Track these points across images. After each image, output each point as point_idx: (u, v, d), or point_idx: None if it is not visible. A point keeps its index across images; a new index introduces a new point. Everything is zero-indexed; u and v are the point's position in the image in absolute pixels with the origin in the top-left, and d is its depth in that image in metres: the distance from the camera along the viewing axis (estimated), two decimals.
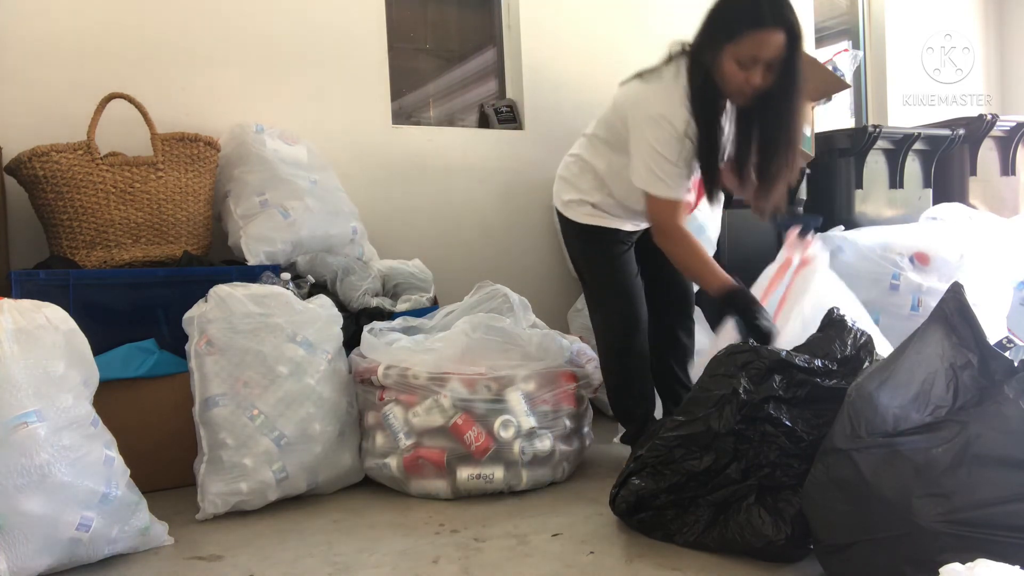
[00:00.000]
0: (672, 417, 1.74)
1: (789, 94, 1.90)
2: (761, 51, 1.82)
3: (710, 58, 1.88)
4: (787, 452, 1.57)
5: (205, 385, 1.99)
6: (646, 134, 1.93)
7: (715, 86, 1.90)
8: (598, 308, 2.25)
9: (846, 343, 1.68)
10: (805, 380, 1.62)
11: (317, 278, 2.60)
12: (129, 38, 2.63)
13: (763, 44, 1.82)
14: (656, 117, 1.92)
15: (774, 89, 1.88)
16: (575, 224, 2.20)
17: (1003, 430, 1.22)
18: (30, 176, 2.28)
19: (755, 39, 1.82)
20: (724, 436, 1.61)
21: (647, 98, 1.96)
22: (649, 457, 1.71)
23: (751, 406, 1.60)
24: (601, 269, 2.21)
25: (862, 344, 1.69)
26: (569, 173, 2.23)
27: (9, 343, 1.59)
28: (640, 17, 3.63)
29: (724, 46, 1.85)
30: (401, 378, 2.09)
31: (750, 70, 1.85)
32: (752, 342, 1.77)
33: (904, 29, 4.57)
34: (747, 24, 1.82)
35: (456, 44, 3.63)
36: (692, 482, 1.64)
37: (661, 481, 1.68)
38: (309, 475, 2.05)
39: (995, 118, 3.18)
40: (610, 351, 2.21)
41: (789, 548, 1.53)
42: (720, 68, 1.87)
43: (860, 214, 2.87)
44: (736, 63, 1.85)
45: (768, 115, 1.93)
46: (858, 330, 1.72)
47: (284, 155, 2.66)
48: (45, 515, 1.55)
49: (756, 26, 1.81)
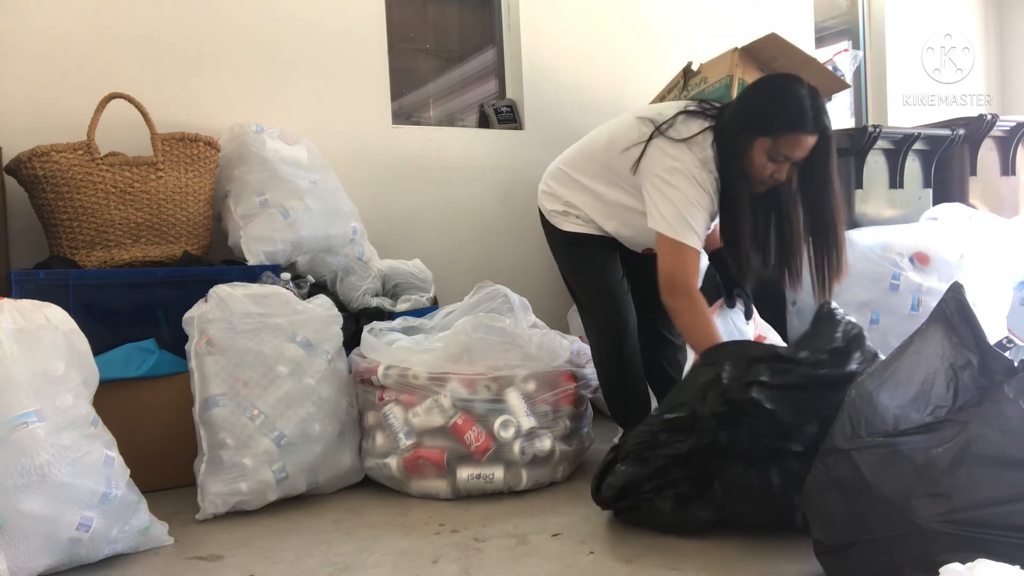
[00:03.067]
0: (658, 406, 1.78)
1: (830, 196, 1.91)
2: (794, 152, 1.86)
3: (742, 143, 1.89)
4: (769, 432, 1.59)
5: (205, 385, 1.99)
6: (683, 188, 1.92)
7: (741, 168, 1.91)
8: (586, 312, 2.27)
9: (835, 336, 1.69)
10: (790, 369, 1.64)
11: (317, 278, 2.60)
12: (129, 38, 2.63)
13: (799, 146, 1.85)
14: (691, 180, 1.91)
15: (810, 193, 1.92)
16: (560, 231, 2.21)
17: (1003, 430, 1.22)
18: (30, 176, 2.28)
19: (793, 140, 1.85)
20: (707, 419, 1.65)
21: (685, 163, 1.93)
22: (633, 444, 1.73)
23: (734, 389, 1.63)
24: (587, 274, 2.22)
25: (853, 336, 1.69)
26: (558, 184, 2.21)
27: (9, 343, 1.59)
28: (639, 17, 3.63)
29: (759, 138, 1.87)
30: (401, 378, 2.09)
31: (779, 165, 1.88)
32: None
33: (904, 29, 4.57)
34: (790, 126, 1.84)
35: (456, 44, 3.63)
36: (676, 465, 1.67)
37: (646, 466, 1.69)
38: (309, 475, 2.05)
39: (995, 118, 3.17)
40: (601, 354, 2.22)
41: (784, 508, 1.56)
42: (750, 156, 1.88)
43: (860, 214, 2.86)
44: (767, 156, 1.87)
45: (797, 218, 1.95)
46: (849, 322, 1.72)
47: (284, 155, 2.66)
48: (45, 515, 1.55)
49: (798, 129, 1.84)
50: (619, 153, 2.04)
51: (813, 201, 1.92)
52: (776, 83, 1.96)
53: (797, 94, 1.85)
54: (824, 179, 1.90)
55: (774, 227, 1.98)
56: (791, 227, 1.95)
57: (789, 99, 1.85)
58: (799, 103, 1.84)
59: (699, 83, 2.81)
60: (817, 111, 1.84)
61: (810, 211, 1.93)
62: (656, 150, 1.96)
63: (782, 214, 1.97)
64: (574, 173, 2.17)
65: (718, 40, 3.30)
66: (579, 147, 2.21)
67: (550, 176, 2.26)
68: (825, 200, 1.91)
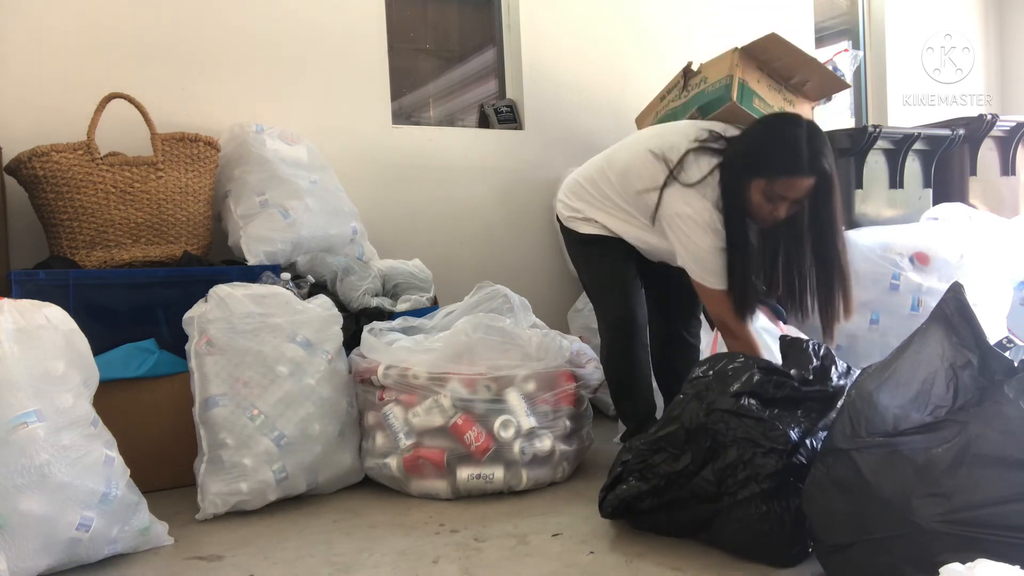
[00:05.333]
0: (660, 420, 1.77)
1: (829, 237, 1.92)
2: (791, 193, 1.88)
3: (740, 183, 1.92)
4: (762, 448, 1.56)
5: (205, 385, 1.99)
6: (699, 240, 1.96)
7: (744, 208, 1.94)
8: (597, 308, 2.30)
9: (810, 356, 1.72)
10: (783, 382, 1.64)
11: (317, 278, 2.59)
12: (129, 38, 2.63)
13: (793, 188, 1.87)
14: (705, 226, 1.95)
15: (810, 232, 1.92)
16: (576, 233, 2.23)
17: (1003, 430, 1.22)
18: (30, 176, 2.28)
19: (788, 183, 1.86)
20: (695, 432, 1.63)
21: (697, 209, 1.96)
22: (634, 463, 1.72)
23: (720, 400, 1.62)
24: (599, 271, 2.24)
25: (824, 354, 1.74)
26: (581, 203, 2.21)
27: (9, 343, 1.59)
28: (639, 17, 3.63)
29: (755, 179, 1.89)
30: (401, 378, 2.09)
31: (777, 204, 1.89)
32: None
33: (904, 29, 4.57)
34: (783, 170, 1.86)
35: (456, 44, 3.62)
36: (672, 485, 1.65)
37: (644, 485, 1.69)
38: (309, 475, 2.05)
39: (995, 118, 3.17)
40: (610, 350, 2.24)
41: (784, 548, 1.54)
42: (748, 195, 1.91)
43: (860, 214, 2.86)
44: (763, 196, 1.89)
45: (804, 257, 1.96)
46: (814, 343, 1.75)
47: (284, 155, 2.66)
48: (45, 515, 1.55)
49: (792, 173, 1.85)
50: (634, 194, 2.08)
51: (817, 242, 1.94)
52: (773, 124, 1.97)
53: (792, 137, 1.86)
54: (826, 220, 1.91)
55: (782, 263, 1.99)
56: (799, 264, 1.97)
57: (783, 142, 1.87)
58: (794, 146, 1.85)
59: (699, 83, 2.80)
60: (814, 153, 1.85)
61: (814, 252, 1.95)
62: (670, 197, 2.00)
63: (790, 251, 1.98)
64: (598, 195, 2.18)
65: (718, 40, 3.29)
66: (598, 171, 2.20)
67: (571, 191, 2.26)
68: (828, 241, 1.92)
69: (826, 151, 1.87)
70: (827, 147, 1.88)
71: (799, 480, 1.53)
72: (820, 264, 1.95)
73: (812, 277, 1.96)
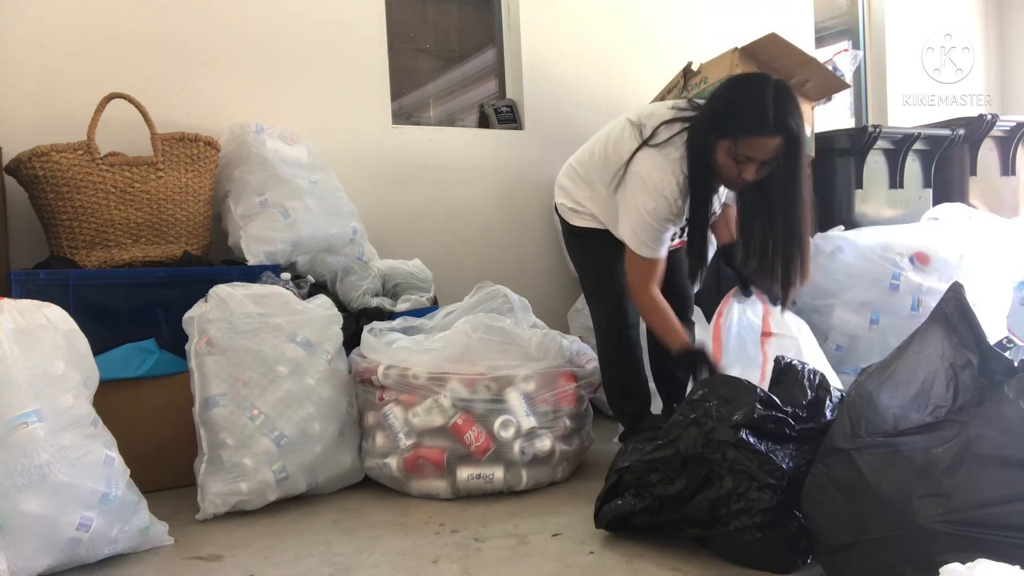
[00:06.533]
0: (652, 440, 1.72)
1: (793, 200, 1.87)
2: (757, 153, 1.82)
3: (707, 144, 1.88)
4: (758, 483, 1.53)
5: (205, 385, 1.99)
6: (640, 201, 1.96)
7: (710, 169, 1.90)
8: (592, 304, 2.31)
9: (805, 388, 1.68)
10: (780, 418, 1.60)
11: (317, 278, 2.59)
12: (129, 38, 2.63)
13: (760, 148, 1.81)
14: (651, 189, 1.94)
15: (776, 195, 1.87)
16: (572, 226, 2.25)
17: (1003, 430, 1.22)
18: (30, 176, 2.28)
19: (753, 143, 1.81)
20: (692, 459, 1.60)
21: (649, 168, 1.95)
22: (631, 477, 1.70)
23: (719, 430, 1.59)
24: (594, 266, 2.25)
25: (819, 384, 1.69)
26: (569, 182, 2.26)
27: (9, 343, 1.59)
28: (639, 17, 3.63)
29: (720, 140, 1.85)
30: (401, 378, 2.09)
31: (743, 165, 1.85)
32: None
33: (904, 29, 4.57)
34: (748, 129, 1.81)
35: (456, 44, 3.62)
36: (665, 507, 1.64)
37: (640, 503, 1.67)
38: (309, 475, 2.05)
39: (995, 118, 3.18)
40: (603, 344, 2.25)
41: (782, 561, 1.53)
42: (714, 157, 1.87)
43: (860, 214, 2.87)
44: (730, 157, 1.85)
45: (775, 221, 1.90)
46: (810, 371, 1.72)
47: (284, 155, 2.65)
48: (45, 515, 1.55)
49: (757, 132, 1.80)
50: (612, 164, 2.07)
51: (777, 203, 1.88)
52: (739, 84, 1.93)
53: (758, 95, 1.81)
54: (789, 180, 1.85)
55: (758, 232, 1.96)
56: (771, 230, 1.92)
57: (748, 101, 1.82)
58: (760, 105, 1.79)
59: (699, 83, 2.81)
60: (780, 111, 1.78)
61: (783, 216, 1.89)
62: (636, 158, 1.98)
63: (763, 218, 1.94)
64: (583, 173, 2.20)
65: (718, 40, 3.30)
66: (589, 148, 2.23)
67: (564, 174, 2.30)
68: (789, 202, 1.86)
69: (792, 110, 1.80)
70: (795, 106, 1.81)
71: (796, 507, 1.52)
72: (785, 228, 1.89)
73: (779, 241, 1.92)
